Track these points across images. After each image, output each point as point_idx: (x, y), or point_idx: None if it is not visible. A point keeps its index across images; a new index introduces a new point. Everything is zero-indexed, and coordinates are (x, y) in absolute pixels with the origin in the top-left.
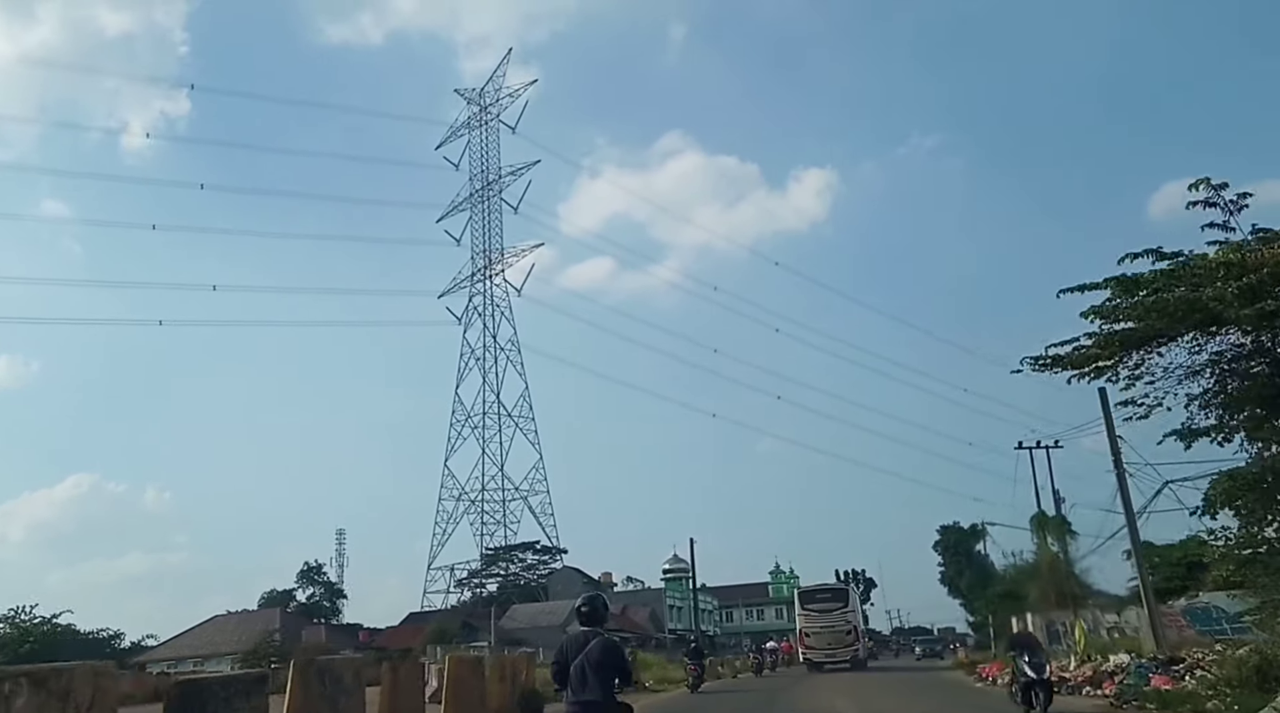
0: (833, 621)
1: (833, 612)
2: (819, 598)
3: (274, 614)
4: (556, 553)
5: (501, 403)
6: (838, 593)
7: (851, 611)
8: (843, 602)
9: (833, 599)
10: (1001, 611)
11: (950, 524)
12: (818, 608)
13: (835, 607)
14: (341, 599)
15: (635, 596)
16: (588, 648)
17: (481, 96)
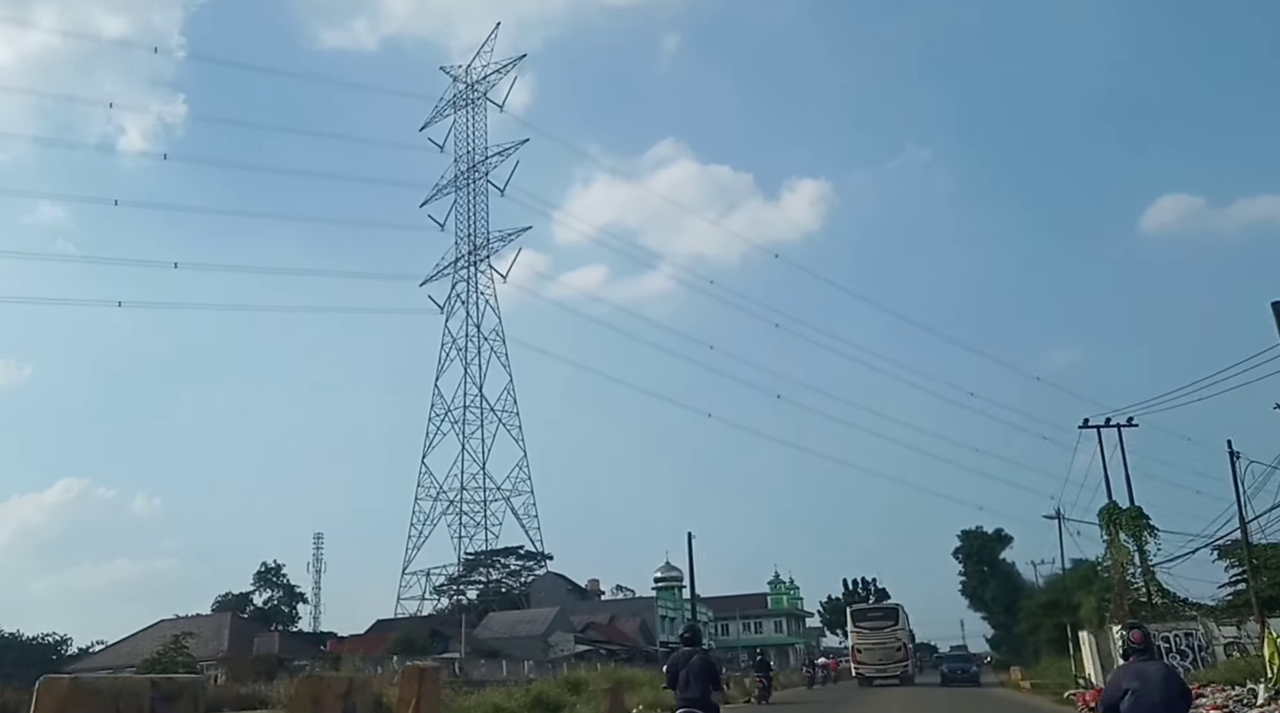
0: (884, 638)
1: (884, 629)
2: (871, 616)
3: (224, 619)
4: (541, 559)
5: (484, 396)
6: (889, 612)
7: (901, 629)
8: (894, 620)
9: (884, 618)
10: (1047, 623)
11: (973, 529)
12: (870, 626)
13: (886, 624)
14: (301, 604)
15: (624, 605)
16: (690, 661)
17: (468, 73)
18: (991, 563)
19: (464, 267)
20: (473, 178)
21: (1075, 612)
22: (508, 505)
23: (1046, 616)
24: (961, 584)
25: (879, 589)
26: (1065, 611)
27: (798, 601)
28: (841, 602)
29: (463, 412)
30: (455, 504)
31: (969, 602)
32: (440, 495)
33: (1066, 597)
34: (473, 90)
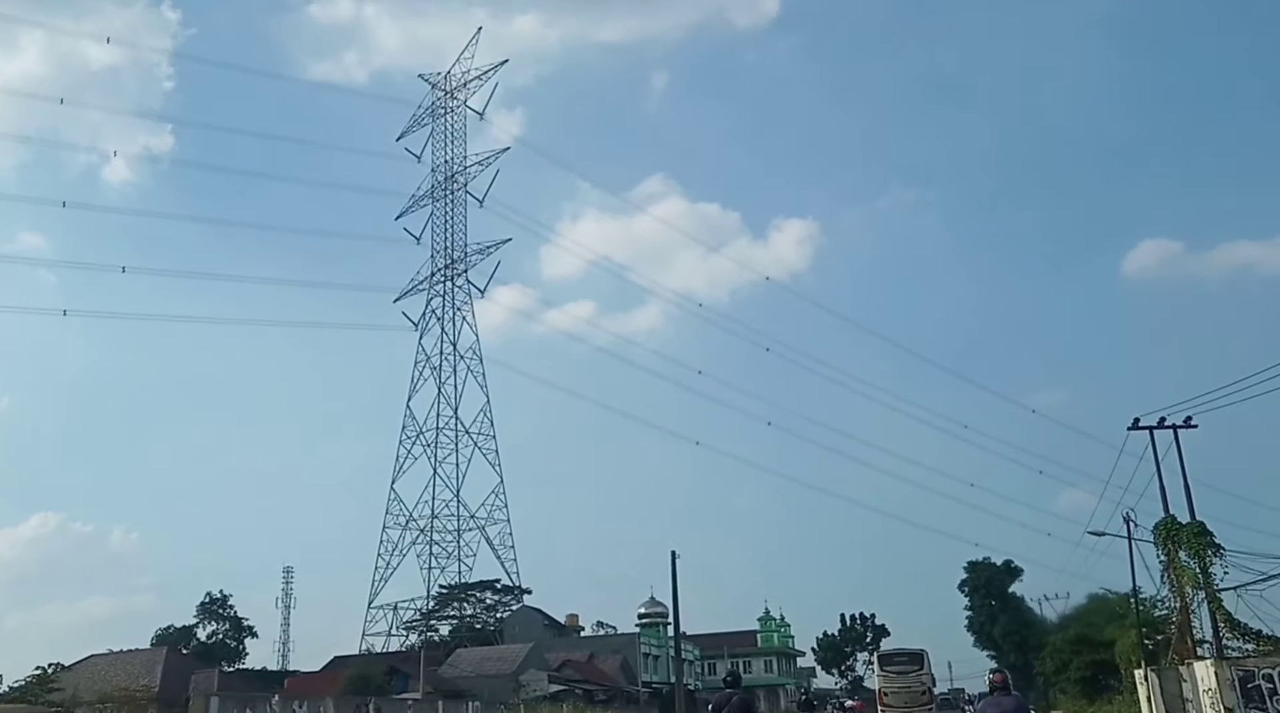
0: (909, 682)
1: (909, 673)
2: (897, 661)
3: (158, 655)
4: (518, 593)
5: (459, 418)
6: (914, 657)
7: (926, 673)
8: (919, 664)
9: (909, 662)
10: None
11: (980, 561)
12: (896, 669)
13: (912, 669)
14: (250, 638)
15: (605, 642)
16: (731, 702)
17: (447, 80)
18: (1001, 597)
19: (440, 281)
20: (451, 188)
21: (1107, 649)
22: (482, 535)
23: (1075, 653)
24: (968, 620)
25: (877, 625)
26: (1096, 647)
27: (789, 639)
28: (837, 639)
29: (435, 434)
30: (426, 533)
31: (975, 639)
32: (410, 524)
33: (1095, 632)
34: (452, 98)
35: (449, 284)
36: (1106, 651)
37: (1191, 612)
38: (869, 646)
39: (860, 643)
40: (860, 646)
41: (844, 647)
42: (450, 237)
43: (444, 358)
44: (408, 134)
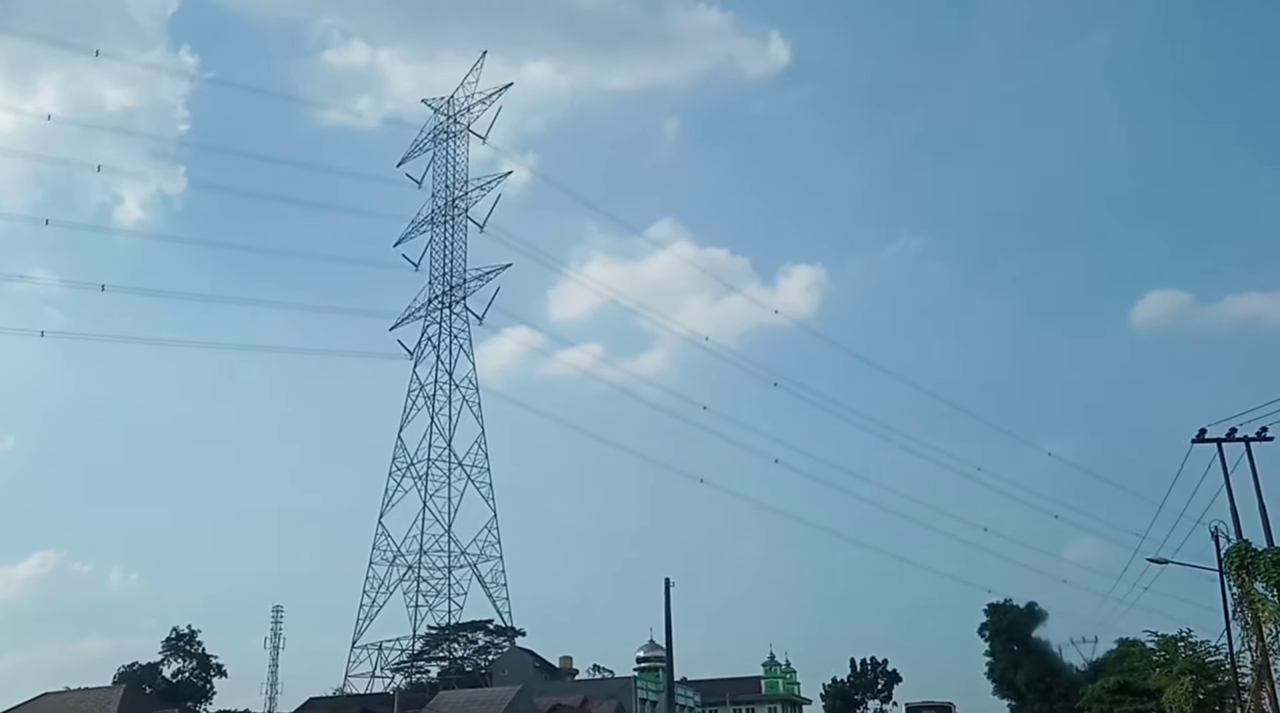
0: None
1: None
2: None
3: (114, 694)
4: (511, 634)
5: (452, 450)
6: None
7: None
8: None
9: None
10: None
11: (1001, 603)
12: None
13: None
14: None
15: (599, 686)
16: None
17: (450, 104)
18: (1023, 642)
19: (437, 308)
20: (451, 214)
21: (1153, 699)
22: (474, 572)
23: (1115, 703)
24: (988, 666)
25: (889, 672)
26: (1139, 696)
27: (794, 686)
28: (847, 685)
29: (426, 465)
30: (414, 569)
31: (995, 687)
32: (398, 559)
33: (1138, 679)
34: (455, 122)
35: (447, 311)
36: (1152, 700)
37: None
38: (880, 693)
39: (871, 690)
40: (871, 693)
41: (854, 694)
42: (449, 263)
43: (438, 387)
44: (409, 159)
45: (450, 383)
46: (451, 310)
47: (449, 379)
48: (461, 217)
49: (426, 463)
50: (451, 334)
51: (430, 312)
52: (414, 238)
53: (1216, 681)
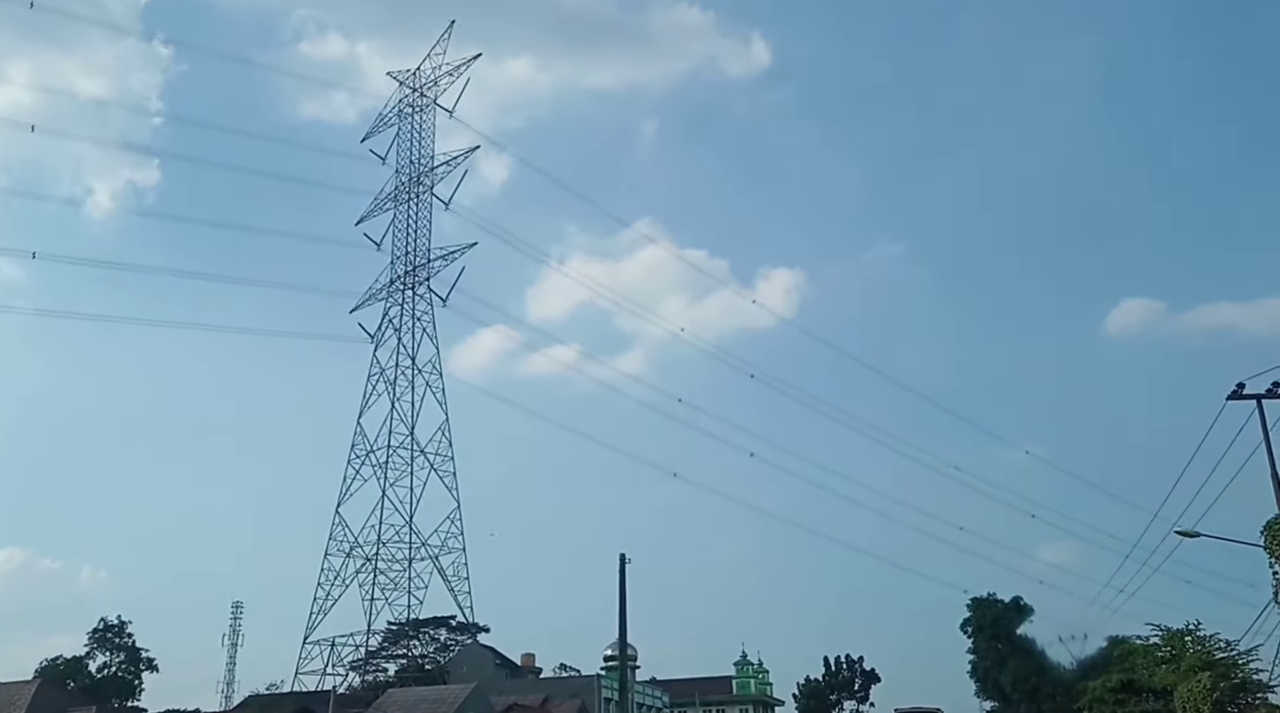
0: None
1: None
2: None
3: (25, 689)
4: (475, 631)
5: (415, 437)
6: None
7: None
8: None
9: None
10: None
11: (985, 597)
12: None
13: None
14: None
15: (563, 684)
16: None
17: (416, 77)
18: (1009, 638)
19: (399, 289)
20: (416, 191)
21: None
22: (434, 565)
23: (1119, 704)
24: (971, 665)
25: (866, 670)
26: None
27: (767, 686)
28: (821, 685)
29: (386, 452)
30: (370, 561)
31: (978, 687)
32: (354, 551)
33: (1143, 677)
34: (421, 96)
35: (409, 292)
36: (1160, 700)
37: None
38: (857, 693)
39: (847, 690)
40: (847, 693)
41: (829, 694)
42: (414, 241)
43: (399, 371)
44: (374, 134)
45: (413, 367)
46: (415, 291)
47: (411, 363)
48: (427, 194)
49: (386, 450)
50: (414, 316)
51: (392, 293)
52: (377, 216)
53: (1231, 678)
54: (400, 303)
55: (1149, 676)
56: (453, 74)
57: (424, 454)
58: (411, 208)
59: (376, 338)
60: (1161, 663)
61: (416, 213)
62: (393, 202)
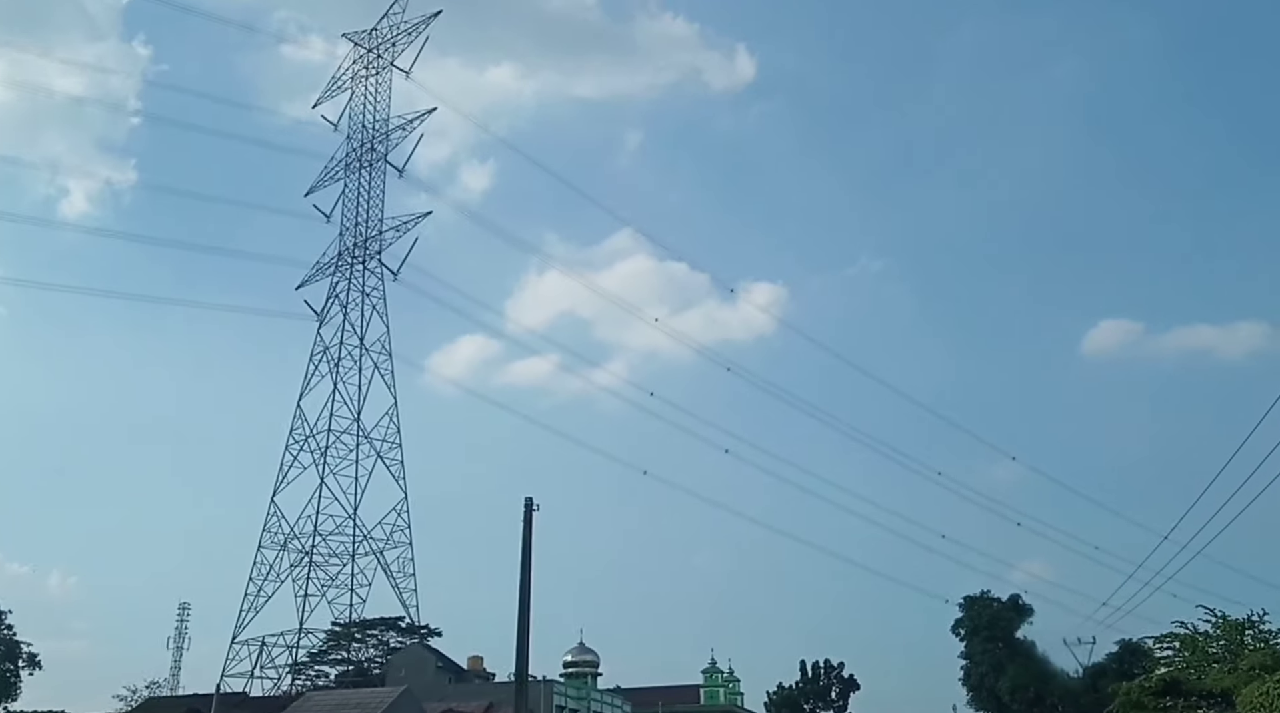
0: None
1: None
2: None
3: None
4: (426, 634)
5: (360, 422)
6: None
7: None
8: None
9: None
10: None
11: (980, 595)
12: None
13: None
14: (35, 669)
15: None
16: None
17: (371, 37)
18: (1007, 641)
19: (348, 262)
20: (369, 158)
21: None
22: (378, 560)
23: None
24: (964, 671)
25: (845, 677)
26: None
27: (737, 696)
28: (795, 692)
29: (327, 437)
30: (307, 555)
31: (971, 696)
32: (290, 543)
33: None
34: (377, 57)
35: (361, 267)
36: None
37: None
38: (835, 703)
39: (823, 698)
40: (823, 701)
41: (803, 702)
42: (366, 212)
43: (345, 350)
44: (326, 100)
45: (360, 347)
46: (365, 265)
47: (359, 343)
48: (380, 161)
49: (327, 435)
50: (364, 292)
51: (340, 267)
52: (327, 186)
53: None
54: (348, 277)
55: (1197, 675)
56: (411, 34)
57: (369, 440)
58: (364, 177)
59: (322, 315)
60: (1214, 661)
61: (370, 182)
62: (344, 170)
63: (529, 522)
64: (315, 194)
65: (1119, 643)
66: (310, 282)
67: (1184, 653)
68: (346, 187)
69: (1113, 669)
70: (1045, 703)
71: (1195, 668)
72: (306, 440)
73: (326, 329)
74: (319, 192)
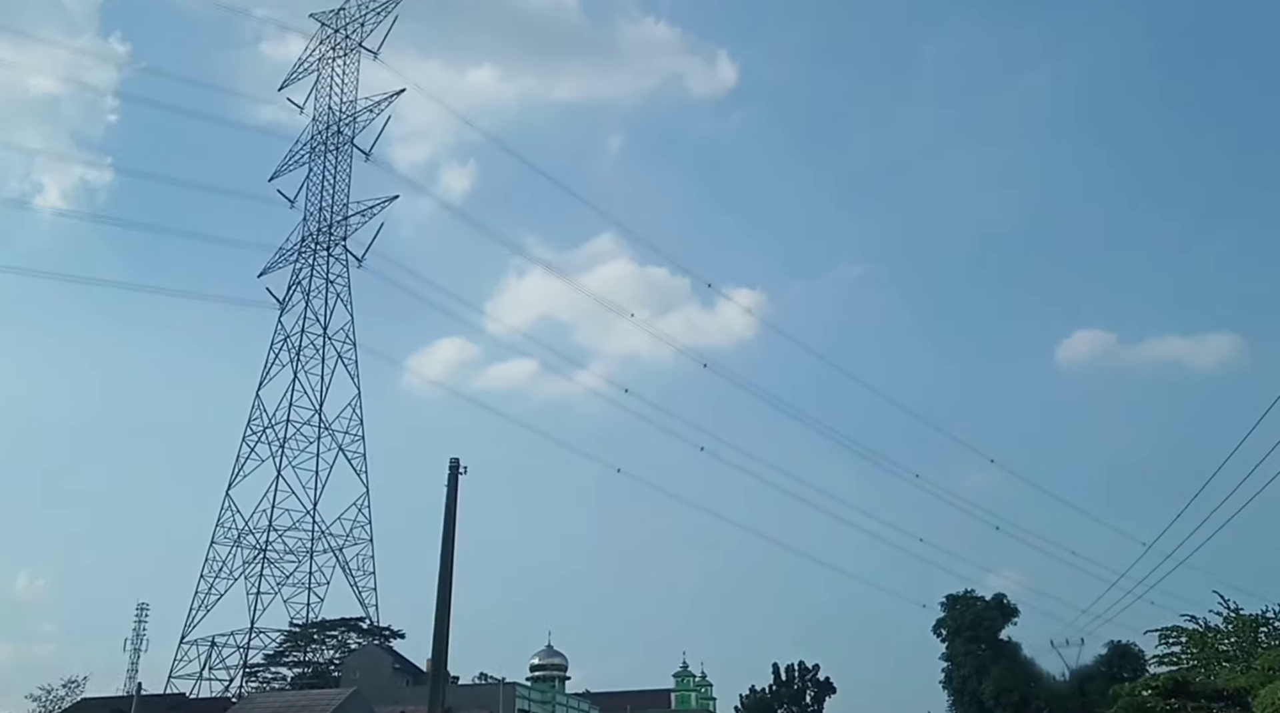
0: None
1: None
2: None
3: None
4: (389, 636)
5: (322, 414)
6: None
7: None
8: None
9: None
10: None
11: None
12: None
13: None
14: None
15: (471, 693)
16: None
17: (339, 17)
18: (991, 642)
19: (311, 248)
20: (336, 142)
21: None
22: (336, 558)
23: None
24: (945, 673)
25: (820, 680)
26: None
27: (709, 701)
28: (768, 696)
29: (285, 428)
30: (259, 549)
31: (953, 699)
32: (243, 539)
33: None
34: (346, 36)
35: (325, 253)
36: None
37: None
38: (810, 707)
39: (797, 703)
40: (797, 706)
41: (775, 706)
42: (331, 196)
43: (306, 338)
44: (291, 83)
45: (323, 336)
46: (329, 252)
47: (322, 331)
48: (347, 145)
49: (285, 425)
50: (327, 279)
51: (303, 253)
52: (292, 170)
53: None
54: (311, 263)
55: (1206, 674)
56: (380, 12)
57: (331, 432)
58: (329, 160)
59: (284, 302)
60: (1226, 659)
61: (336, 165)
62: (309, 154)
63: (454, 485)
64: (280, 179)
65: (1108, 645)
66: (273, 268)
67: (1191, 650)
68: (311, 171)
69: (1101, 673)
70: (1030, 707)
71: (1204, 667)
72: (264, 432)
73: (288, 317)
74: (284, 176)
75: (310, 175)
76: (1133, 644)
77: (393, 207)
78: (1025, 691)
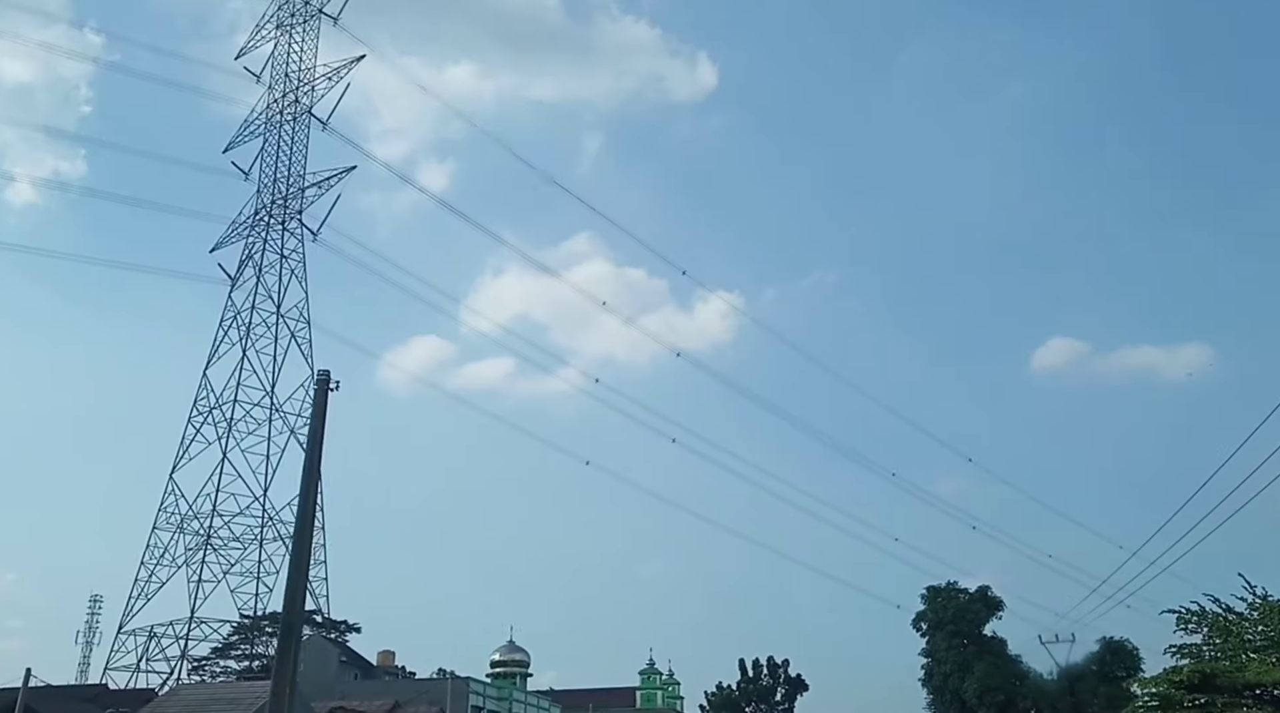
0: None
1: None
2: None
3: None
4: (345, 630)
5: (274, 395)
6: None
7: None
8: None
9: None
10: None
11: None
12: None
13: None
14: None
15: (419, 687)
16: None
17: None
18: (975, 638)
19: (265, 222)
20: (293, 111)
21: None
22: (286, 547)
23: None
24: (925, 670)
25: (792, 677)
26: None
27: (676, 700)
28: (734, 693)
29: (232, 408)
30: (202, 536)
31: (933, 698)
32: (185, 524)
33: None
34: (306, 3)
35: (280, 227)
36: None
37: None
38: (780, 705)
39: (767, 700)
40: (766, 703)
41: (744, 703)
42: (288, 167)
43: (256, 314)
44: (249, 51)
45: (276, 313)
46: (284, 225)
47: (275, 308)
48: (304, 114)
49: (233, 405)
50: (281, 253)
51: (256, 226)
52: (247, 141)
53: None
54: (264, 237)
55: (1233, 667)
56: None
57: (282, 414)
58: (285, 131)
59: (235, 277)
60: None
61: (293, 135)
62: (264, 124)
63: (322, 401)
64: (234, 150)
65: (1100, 642)
66: (226, 243)
67: (1215, 640)
68: (266, 142)
69: (1093, 672)
70: (1017, 707)
71: (1229, 658)
72: (210, 412)
73: (239, 293)
74: (238, 147)
75: (265, 146)
76: (1126, 641)
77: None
78: (1011, 690)
